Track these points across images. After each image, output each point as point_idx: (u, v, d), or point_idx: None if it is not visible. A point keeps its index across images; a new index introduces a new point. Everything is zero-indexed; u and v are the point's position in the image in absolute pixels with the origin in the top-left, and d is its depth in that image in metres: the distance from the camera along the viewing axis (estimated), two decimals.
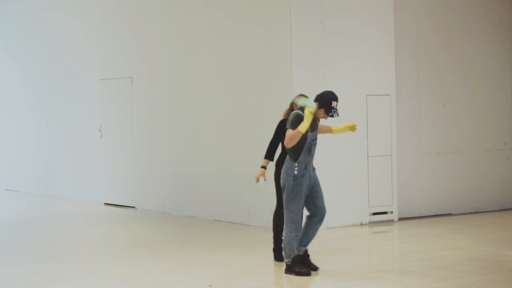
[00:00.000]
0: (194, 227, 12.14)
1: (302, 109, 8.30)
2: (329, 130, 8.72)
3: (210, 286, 7.90)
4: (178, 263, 9.27)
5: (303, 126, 8.12)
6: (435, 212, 12.97)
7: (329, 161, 11.58)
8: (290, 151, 8.30)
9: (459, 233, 10.89)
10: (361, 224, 11.81)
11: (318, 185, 8.51)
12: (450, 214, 13.04)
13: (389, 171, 12.12)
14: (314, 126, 8.37)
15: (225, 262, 9.22)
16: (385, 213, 12.08)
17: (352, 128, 8.64)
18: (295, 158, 8.28)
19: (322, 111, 8.33)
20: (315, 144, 8.42)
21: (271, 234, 11.18)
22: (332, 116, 8.29)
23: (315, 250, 10.03)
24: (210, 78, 12.87)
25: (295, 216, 8.35)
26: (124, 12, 14.85)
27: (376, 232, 11.40)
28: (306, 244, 8.48)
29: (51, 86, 16.98)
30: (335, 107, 8.30)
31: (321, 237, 10.93)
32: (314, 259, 9.21)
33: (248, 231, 11.46)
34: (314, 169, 8.52)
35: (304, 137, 8.25)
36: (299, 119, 8.20)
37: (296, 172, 8.26)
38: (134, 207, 14.53)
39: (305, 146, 8.28)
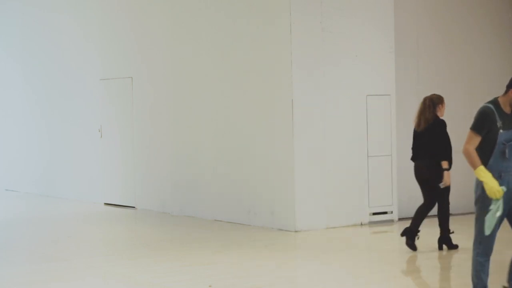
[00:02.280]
0: (194, 227, 12.14)
1: (492, 102, 6.91)
2: None
3: (210, 286, 7.90)
4: (178, 263, 9.27)
5: (483, 180, 6.76)
6: (435, 212, 12.92)
7: (329, 161, 11.57)
8: (478, 153, 6.79)
9: (459, 233, 10.86)
10: (361, 224, 11.80)
11: None
12: (450, 214, 13.00)
13: (389, 171, 12.11)
14: (509, 123, 6.70)
15: (225, 262, 9.21)
16: (385, 213, 12.07)
17: None
18: (483, 162, 6.77)
19: None
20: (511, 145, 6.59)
21: (271, 234, 11.20)
22: None
23: (316, 250, 10.03)
24: (210, 78, 12.86)
25: (481, 235, 6.74)
26: (124, 12, 14.84)
27: (376, 232, 11.39)
28: None
29: (51, 86, 16.98)
30: None
31: (321, 237, 10.94)
32: (313, 259, 9.21)
33: (248, 231, 11.46)
34: None
35: (493, 137, 6.65)
36: (483, 118, 6.78)
37: None
38: (134, 207, 14.52)
39: (496, 149, 6.68)
